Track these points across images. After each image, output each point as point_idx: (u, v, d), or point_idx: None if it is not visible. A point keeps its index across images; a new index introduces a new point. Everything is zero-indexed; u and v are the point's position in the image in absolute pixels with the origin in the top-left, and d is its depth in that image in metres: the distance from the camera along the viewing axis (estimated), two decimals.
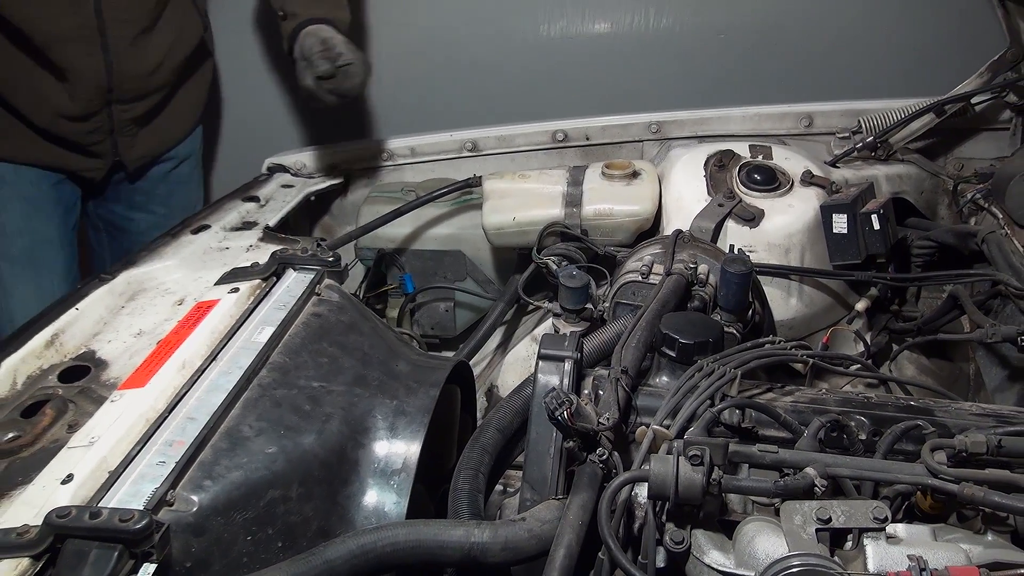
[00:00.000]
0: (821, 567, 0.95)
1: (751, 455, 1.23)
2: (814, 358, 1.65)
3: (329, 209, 2.77)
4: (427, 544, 1.19)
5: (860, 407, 1.44)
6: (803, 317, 2.21)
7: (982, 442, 1.20)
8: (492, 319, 2.31)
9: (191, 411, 1.39)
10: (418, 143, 2.71)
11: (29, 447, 1.37)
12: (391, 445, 1.49)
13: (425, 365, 1.68)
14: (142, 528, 1.08)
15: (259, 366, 1.50)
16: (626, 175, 2.35)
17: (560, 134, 2.63)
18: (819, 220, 2.21)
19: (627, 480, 1.15)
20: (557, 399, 1.26)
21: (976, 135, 2.57)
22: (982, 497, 1.09)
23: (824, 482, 1.15)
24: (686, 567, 1.14)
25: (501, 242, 2.41)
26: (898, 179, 2.47)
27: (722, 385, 1.39)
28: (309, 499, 1.35)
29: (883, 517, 1.07)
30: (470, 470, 1.43)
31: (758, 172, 2.27)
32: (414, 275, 2.57)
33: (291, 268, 1.83)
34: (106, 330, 1.73)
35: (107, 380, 1.56)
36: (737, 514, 1.22)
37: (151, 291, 1.86)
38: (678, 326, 1.53)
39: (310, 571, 1.12)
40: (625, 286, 1.87)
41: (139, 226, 2.79)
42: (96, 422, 1.37)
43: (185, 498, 1.23)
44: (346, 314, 1.72)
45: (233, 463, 1.30)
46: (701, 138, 2.58)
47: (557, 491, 1.36)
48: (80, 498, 1.21)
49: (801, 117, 2.58)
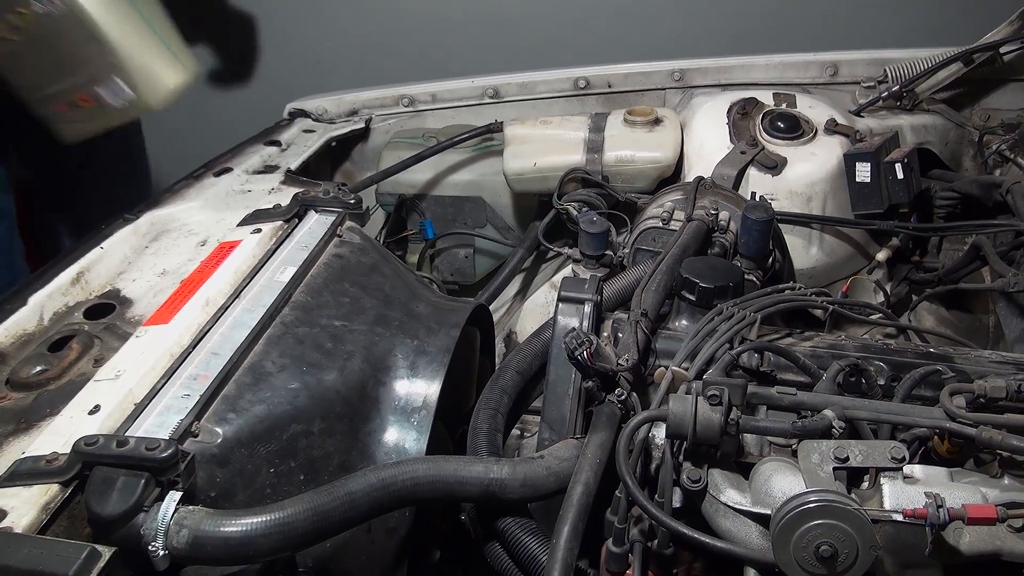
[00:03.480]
0: (838, 502, 0.96)
1: (769, 397, 1.24)
2: (834, 305, 1.65)
3: (350, 155, 2.77)
4: (447, 479, 1.21)
5: (879, 353, 1.44)
6: (823, 266, 2.21)
7: (1002, 387, 1.20)
8: (511, 265, 2.32)
9: (215, 347, 1.40)
10: (439, 89, 2.69)
11: (56, 380, 1.39)
12: (411, 384, 1.50)
13: (445, 307, 1.69)
14: (168, 456, 1.10)
15: (282, 304, 1.52)
16: (648, 122, 2.33)
17: (582, 81, 2.60)
18: (842, 169, 2.19)
19: (646, 419, 1.16)
20: (577, 339, 1.27)
21: (1003, 86, 2.52)
22: (1000, 441, 1.09)
23: (842, 424, 1.16)
24: (702, 506, 1.16)
25: (521, 188, 2.41)
26: (923, 129, 2.44)
27: (741, 329, 1.39)
28: (331, 434, 1.37)
29: (901, 457, 1.08)
30: (489, 410, 1.44)
31: (781, 120, 2.25)
32: (434, 221, 2.57)
33: (313, 210, 1.83)
34: (130, 269, 1.75)
35: (132, 317, 1.58)
36: (754, 456, 1.22)
37: (174, 232, 1.87)
38: (698, 270, 1.53)
39: (332, 502, 1.13)
40: (645, 232, 1.87)
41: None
42: (122, 357, 1.39)
43: (210, 430, 1.25)
44: (367, 255, 1.73)
45: (256, 397, 1.32)
46: (724, 86, 2.56)
47: (575, 431, 1.38)
48: (107, 428, 1.23)
49: (826, 66, 2.55)
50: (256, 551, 1.08)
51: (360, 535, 1.33)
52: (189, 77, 2.09)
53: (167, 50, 1.99)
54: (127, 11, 1.92)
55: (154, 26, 1.97)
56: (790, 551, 0.98)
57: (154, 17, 1.98)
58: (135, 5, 1.93)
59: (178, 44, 2.04)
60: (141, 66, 1.96)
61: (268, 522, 1.08)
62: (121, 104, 2.01)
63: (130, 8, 1.92)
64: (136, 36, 1.94)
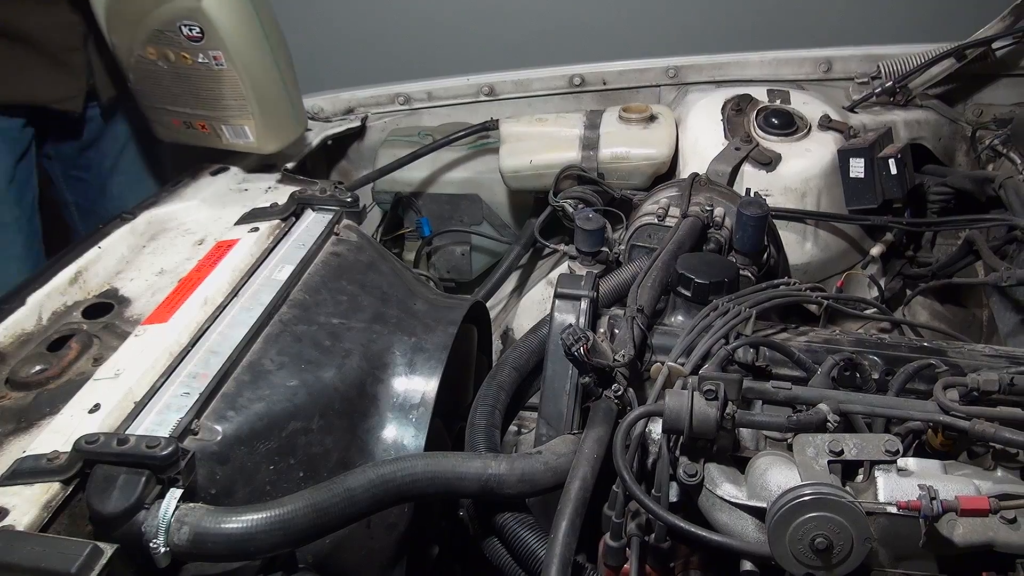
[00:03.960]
0: (833, 495, 0.97)
1: (765, 391, 1.24)
2: (829, 300, 1.66)
3: (346, 153, 2.77)
4: (445, 475, 1.21)
5: (873, 347, 1.45)
6: (818, 261, 2.21)
7: (994, 380, 1.21)
8: (508, 262, 2.33)
9: (214, 345, 1.41)
10: (435, 87, 2.70)
11: (56, 379, 1.40)
12: (410, 380, 1.51)
13: (443, 304, 1.70)
14: (169, 454, 1.11)
15: (280, 303, 1.53)
16: (643, 119, 2.34)
17: (577, 78, 2.61)
18: (836, 165, 2.20)
19: (642, 414, 1.17)
20: (574, 335, 1.28)
21: (996, 81, 2.54)
22: (993, 433, 1.10)
23: (837, 418, 1.16)
24: (699, 500, 1.16)
25: (518, 185, 2.41)
26: (916, 125, 2.45)
27: (737, 324, 1.40)
28: (330, 431, 1.38)
29: (895, 450, 1.09)
30: (487, 406, 1.45)
31: (776, 116, 2.26)
32: (431, 219, 2.57)
33: (310, 208, 1.84)
34: (128, 268, 1.76)
35: (130, 316, 1.59)
36: (749, 450, 1.23)
37: (172, 231, 1.88)
38: (694, 266, 1.54)
39: (331, 499, 1.14)
40: (641, 228, 1.88)
41: (113, 190, 2.67)
42: (121, 355, 1.40)
43: (209, 427, 1.26)
44: (365, 253, 1.74)
45: (255, 395, 1.33)
46: (719, 83, 2.56)
47: (572, 426, 1.39)
48: (107, 427, 1.24)
49: (820, 62, 2.56)
50: (257, 547, 1.09)
51: (359, 531, 1.34)
52: (301, 131, 2.20)
53: (291, 107, 2.09)
54: (271, 70, 2.01)
55: (286, 84, 2.06)
56: (786, 544, 0.99)
57: (288, 75, 2.07)
58: (278, 65, 2.02)
59: (298, 99, 2.14)
60: (268, 121, 2.05)
61: (268, 518, 1.09)
62: (235, 142, 2.10)
63: (273, 68, 2.01)
64: (273, 94, 2.04)
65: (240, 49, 1.93)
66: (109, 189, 2.68)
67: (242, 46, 1.93)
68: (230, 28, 1.90)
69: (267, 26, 1.98)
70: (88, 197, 2.69)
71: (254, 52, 1.96)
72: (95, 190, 2.68)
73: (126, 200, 2.57)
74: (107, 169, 2.67)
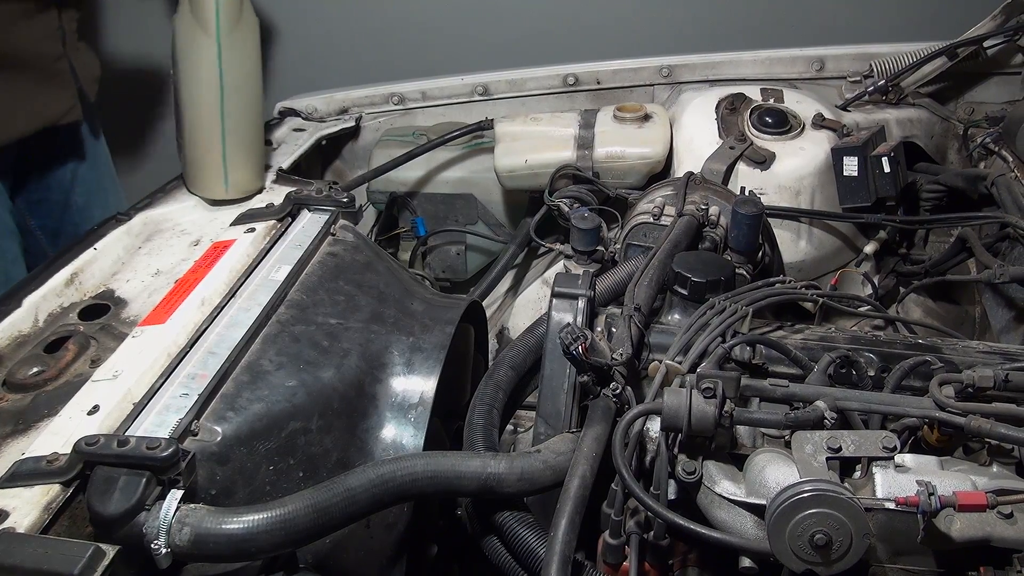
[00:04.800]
0: (832, 491, 0.98)
1: (762, 389, 1.25)
2: (824, 298, 1.67)
3: (341, 153, 2.77)
4: (445, 474, 1.22)
5: (869, 344, 1.46)
6: (812, 259, 2.23)
7: (989, 376, 1.22)
8: (503, 262, 2.33)
9: (212, 346, 1.41)
10: (429, 87, 2.70)
11: (54, 381, 1.40)
12: (408, 380, 1.51)
13: (440, 304, 1.70)
14: (169, 455, 1.11)
15: (277, 303, 1.53)
16: (638, 118, 2.35)
17: (571, 78, 2.61)
18: (830, 163, 2.21)
19: (641, 412, 1.17)
20: (572, 334, 1.29)
21: (987, 79, 2.55)
22: (988, 429, 1.11)
23: (834, 415, 1.17)
24: (697, 497, 1.17)
25: (513, 185, 2.42)
26: (909, 123, 2.47)
27: (733, 322, 1.41)
28: (329, 431, 1.38)
29: (892, 446, 1.10)
30: (484, 405, 1.45)
31: (769, 115, 2.27)
32: (426, 218, 2.58)
33: (306, 208, 1.85)
34: (124, 270, 1.75)
35: (127, 318, 1.59)
36: (747, 448, 1.24)
37: (167, 232, 1.88)
38: (690, 265, 1.55)
39: (331, 498, 1.14)
40: (637, 227, 1.88)
41: (76, 202, 2.62)
42: (119, 357, 1.40)
43: (209, 428, 1.26)
44: (361, 253, 1.74)
45: (255, 395, 1.33)
46: (712, 82, 2.57)
47: (571, 425, 1.39)
48: (106, 428, 1.24)
49: (813, 61, 2.57)
50: (258, 548, 1.09)
51: (359, 530, 1.34)
52: (230, 197, 2.04)
53: (222, 167, 1.98)
54: (213, 124, 1.95)
55: (225, 143, 1.96)
56: (785, 540, 0.99)
57: (234, 134, 1.97)
58: (224, 121, 1.95)
59: (243, 166, 2.01)
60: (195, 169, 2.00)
61: (270, 519, 1.09)
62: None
63: (217, 122, 1.94)
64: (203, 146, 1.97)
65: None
66: (72, 202, 2.61)
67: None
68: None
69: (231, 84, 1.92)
70: (52, 216, 2.62)
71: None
72: (58, 207, 2.61)
73: (91, 210, 2.57)
74: (68, 182, 2.61)
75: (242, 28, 1.89)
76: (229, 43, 1.87)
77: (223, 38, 1.86)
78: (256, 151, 2.02)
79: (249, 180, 2.01)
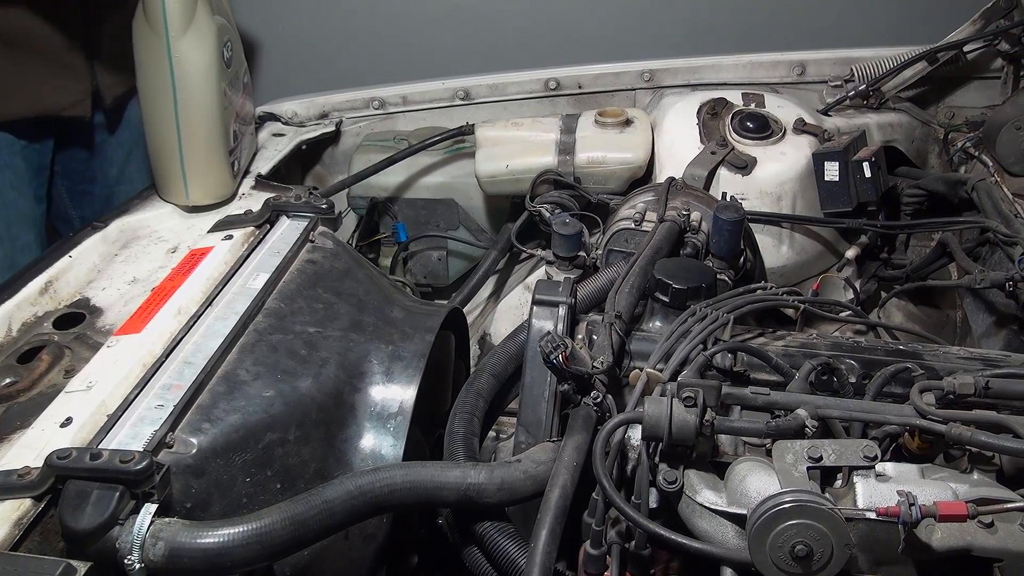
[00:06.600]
0: (813, 502, 0.97)
1: (743, 397, 1.25)
2: (805, 304, 1.66)
3: (321, 158, 2.76)
4: (424, 485, 1.21)
5: (850, 351, 1.46)
6: (794, 264, 2.22)
7: (970, 383, 1.22)
8: (485, 267, 2.32)
9: (188, 356, 1.40)
10: (410, 91, 2.69)
11: (26, 392, 1.38)
12: (387, 389, 1.50)
13: (420, 311, 1.69)
14: (143, 469, 1.10)
15: (255, 312, 1.51)
16: (619, 123, 2.34)
17: (552, 82, 2.61)
18: (811, 168, 2.21)
19: (622, 421, 1.16)
20: (552, 342, 1.28)
21: (967, 83, 2.56)
22: (969, 437, 1.10)
23: (815, 423, 1.17)
24: (679, 506, 1.16)
25: (494, 190, 2.41)
26: (889, 127, 2.47)
27: (715, 329, 1.40)
28: (307, 442, 1.37)
29: (873, 455, 1.09)
30: (465, 414, 1.44)
31: (751, 120, 2.27)
32: (407, 224, 2.56)
33: (285, 215, 1.83)
34: (100, 278, 1.73)
35: (102, 327, 1.57)
36: (728, 456, 1.23)
37: (144, 239, 1.86)
38: (671, 272, 1.54)
39: (309, 511, 1.13)
40: (618, 233, 1.88)
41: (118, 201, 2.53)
42: (93, 367, 1.38)
43: (184, 440, 1.24)
44: (340, 261, 1.73)
45: (231, 406, 1.32)
46: (694, 86, 2.57)
47: (552, 433, 1.38)
48: (80, 440, 1.22)
49: (794, 65, 2.57)
50: (233, 562, 1.08)
51: (338, 542, 1.33)
52: (192, 203, 2.01)
53: (181, 173, 1.95)
54: (168, 129, 1.93)
55: (182, 149, 1.94)
56: (766, 550, 0.99)
57: (191, 140, 1.95)
58: (180, 127, 1.92)
59: (204, 172, 1.98)
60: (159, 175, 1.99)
61: (245, 532, 1.08)
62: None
63: (172, 128, 1.92)
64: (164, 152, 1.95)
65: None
66: (114, 201, 2.59)
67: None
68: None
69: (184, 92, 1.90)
70: (93, 210, 2.61)
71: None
72: (100, 202, 2.62)
73: None
74: (112, 179, 2.62)
75: (195, 31, 1.85)
76: (180, 47, 1.83)
77: (173, 42, 1.82)
78: (218, 157, 1.98)
79: (213, 187, 1.98)
